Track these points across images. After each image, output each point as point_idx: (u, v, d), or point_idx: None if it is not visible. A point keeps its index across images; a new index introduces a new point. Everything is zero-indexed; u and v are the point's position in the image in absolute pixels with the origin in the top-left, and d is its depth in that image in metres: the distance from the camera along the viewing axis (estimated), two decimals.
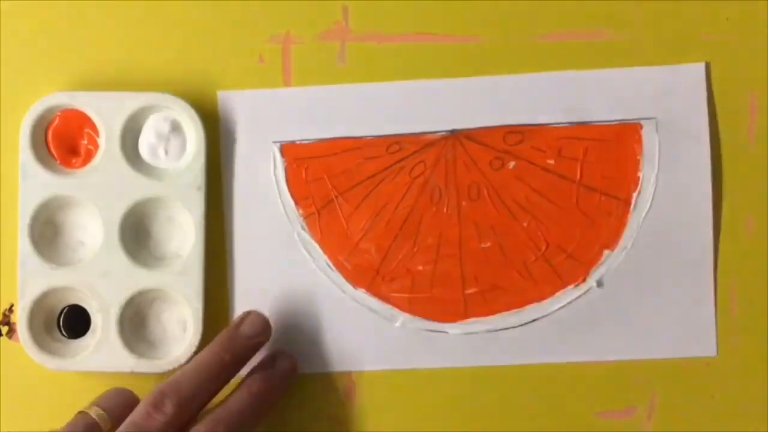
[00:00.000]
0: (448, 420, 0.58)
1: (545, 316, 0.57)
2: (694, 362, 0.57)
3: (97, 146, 0.56)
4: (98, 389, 0.56)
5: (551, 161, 0.57)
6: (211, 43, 0.57)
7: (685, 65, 0.57)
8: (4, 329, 0.57)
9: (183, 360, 0.56)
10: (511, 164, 0.57)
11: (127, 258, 0.56)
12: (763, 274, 0.57)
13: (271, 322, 0.56)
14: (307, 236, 0.57)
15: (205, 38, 0.57)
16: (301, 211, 0.57)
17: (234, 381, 0.54)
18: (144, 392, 0.56)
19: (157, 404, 0.51)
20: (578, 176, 0.57)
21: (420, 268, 0.57)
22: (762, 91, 0.57)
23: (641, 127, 0.56)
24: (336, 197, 0.57)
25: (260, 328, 0.55)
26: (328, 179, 0.57)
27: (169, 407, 0.51)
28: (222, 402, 0.53)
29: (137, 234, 0.57)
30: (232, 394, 0.54)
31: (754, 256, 0.57)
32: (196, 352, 0.56)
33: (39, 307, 0.56)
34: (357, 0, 0.57)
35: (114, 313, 0.56)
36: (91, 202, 0.56)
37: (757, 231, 0.57)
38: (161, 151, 0.57)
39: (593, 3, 0.57)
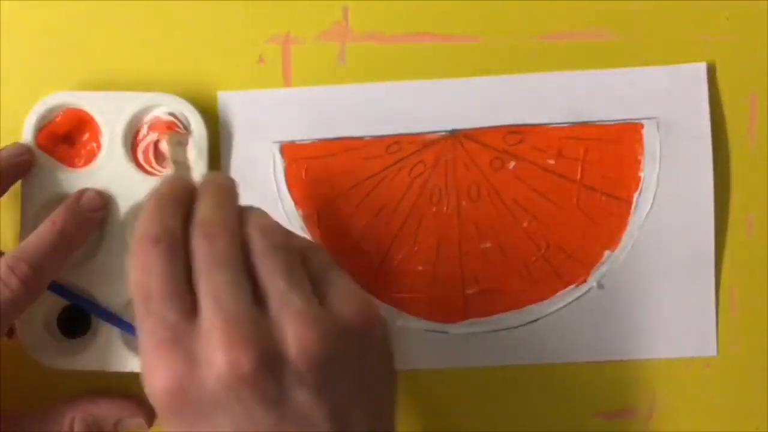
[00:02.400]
0: (448, 420, 0.58)
1: (545, 316, 0.57)
2: (694, 362, 0.57)
3: (99, 146, 0.56)
4: (99, 389, 0.57)
5: (551, 161, 0.57)
6: (211, 43, 0.57)
7: (686, 65, 0.56)
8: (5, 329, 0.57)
9: None
10: (511, 164, 0.57)
11: (129, 257, 0.56)
12: (764, 274, 0.57)
13: None
14: (306, 236, 0.57)
15: (205, 38, 0.57)
16: (300, 212, 0.57)
17: None
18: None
19: (12, 268, 0.51)
20: (579, 176, 0.56)
21: (420, 268, 0.57)
22: (762, 91, 0.57)
23: (642, 127, 0.56)
24: (335, 197, 0.57)
25: (98, 203, 0.55)
26: (327, 179, 0.57)
27: (24, 269, 0.51)
28: (26, 239, 0.53)
29: None
30: (35, 231, 0.53)
31: (754, 256, 0.57)
32: None
33: (39, 306, 0.56)
34: (357, 0, 0.57)
35: (114, 312, 0.56)
36: None
37: (757, 231, 0.57)
38: None
39: (593, 3, 0.57)
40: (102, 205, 0.55)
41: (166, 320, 0.43)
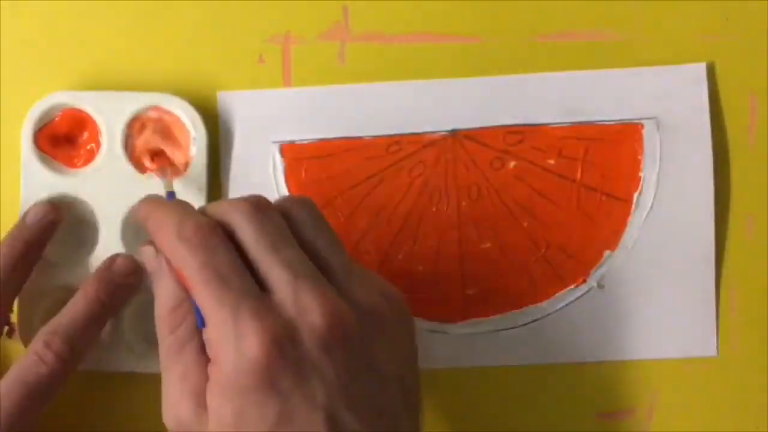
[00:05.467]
0: (449, 420, 0.58)
1: (545, 316, 0.57)
2: (694, 362, 0.57)
3: (98, 146, 0.56)
4: (98, 389, 0.57)
5: (551, 161, 0.57)
6: (211, 43, 0.57)
7: (686, 65, 0.56)
8: (5, 329, 0.57)
9: None
10: (512, 164, 0.57)
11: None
12: (764, 274, 0.57)
13: None
14: None
15: (205, 38, 0.57)
16: None
17: None
18: (145, 392, 0.56)
19: (47, 343, 0.51)
20: (579, 176, 0.57)
21: (420, 268, 0.57)
22: (762, 91, 0.57)
23: (642, 126, 0.56)
24: (335, 197, 0.57)
25: (130, 268, 0.54)
26: (327, 179, 0.57)
27: (58, 344, 0.51)
28: (59, 312, 0.53)
29: (139, 234, 0.57)
30: (70, 301, 0.53)
31: (754, 256, 0.57)
32: None
33: (40, 307, 0.56)
34: (357, 0, 0.57)
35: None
36: (93, 201, 0.56)
37: (757, 231, 0.57)
38: None
39: (593, 3, 0.57)
40: (133, 269, 0.54)
41: (250, 292, 0.44)
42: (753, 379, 0.57)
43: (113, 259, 0.54)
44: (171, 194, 0.53)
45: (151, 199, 0.50)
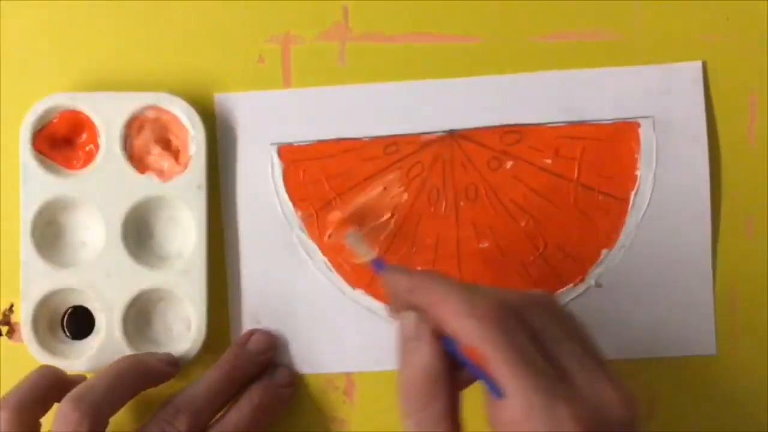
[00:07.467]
0: None
1: None
2: (694, 362, 0.57)
3: (97, 147, 0.57)
4: None
5: (549, 161, 0.57)
6: (210, 43, 0.57)
7: (682, 64, 0.56)
8: (5, 329, 0.57)
9: (186, 359, 0.56)
10: (509, 164, 0.57)
11: (130, 258, 0.56)
12: (763, 273, 0.57)
13: (271, 324, 0.56)
14: (305, 237, 0.57)
15: (205, 38, 0.57)
16: (299, 213, 0.57)
17: None
18: (147, 392, 0.56)
19: (171, 420, 0.52)
20: (576, 175, 0.56)
21: (418, 268, 0.57)
22: (762, 91, 0.57)
23: (639, 125, 0.56)
24: (333, 199, 0.57)
25: (266, 345, 0.57)
26: (325, 180, 0.57)
27: (183, 423, 0.52)
28: (224, 415, 0.54)
29: (139, 234, 0.57)
30: (234, 406, 0.55)
31: (753, 256, 0.57)
32: (200, 351, 0.56)
33: (43, 308, 0.56)
34: (357, 0, 0.57)
35: (118, 313, 0.56)
36: (93, 202, 0.56)
37: (756, 230, 0.57)
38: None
39: (593, 3, 0.57)
40: (269, 346, 0.57)
41: (555, 378, 0.43)
42: (752, 378, 0.57)
43: (248, 335, 0.57)
44: (379, 262, 0.51)
45: (416, 272, 0.49)
